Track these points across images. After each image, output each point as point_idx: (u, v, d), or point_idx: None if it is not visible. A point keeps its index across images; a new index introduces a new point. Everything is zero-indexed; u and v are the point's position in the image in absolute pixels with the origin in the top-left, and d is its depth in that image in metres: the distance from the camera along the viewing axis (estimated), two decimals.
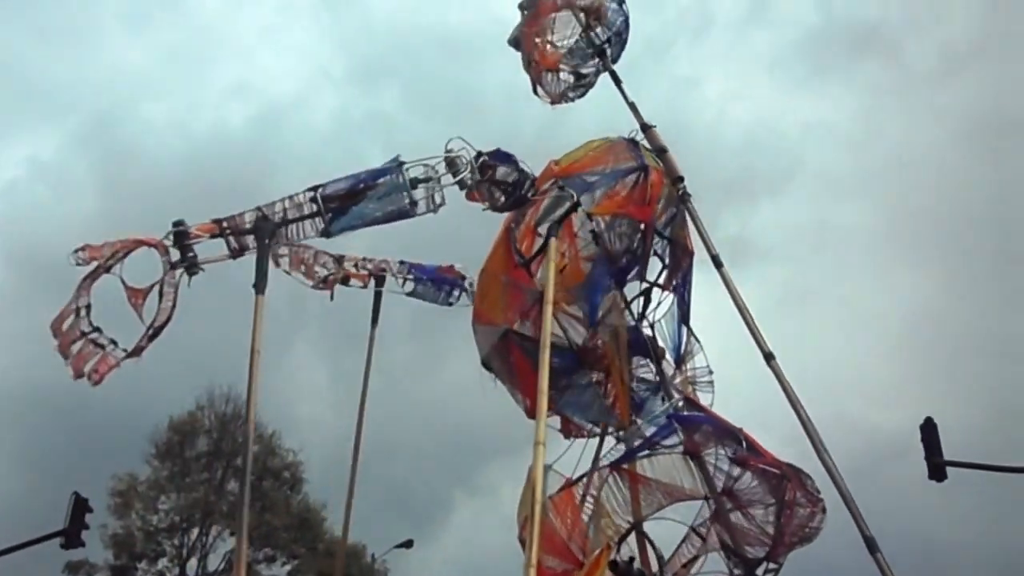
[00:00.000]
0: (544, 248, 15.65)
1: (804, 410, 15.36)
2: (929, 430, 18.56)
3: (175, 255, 14.77)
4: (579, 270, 16.42)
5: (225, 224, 15.20)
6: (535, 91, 19.98)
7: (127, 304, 14.62)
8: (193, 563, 34.43)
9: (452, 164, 15.94)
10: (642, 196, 16.45)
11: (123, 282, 14.50)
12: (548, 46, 19.79)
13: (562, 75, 19.78)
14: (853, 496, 14.58)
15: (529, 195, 16.19)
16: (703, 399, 16.49)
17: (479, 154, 16.00)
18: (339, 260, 19.55)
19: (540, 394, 13.07)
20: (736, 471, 14.90)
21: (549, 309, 14.35)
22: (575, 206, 15.84)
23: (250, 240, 15.23)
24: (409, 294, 20.55)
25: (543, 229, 16.20)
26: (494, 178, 16.02)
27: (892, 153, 60.74)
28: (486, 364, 16.57)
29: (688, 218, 17.24)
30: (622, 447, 15.83)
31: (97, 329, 14.49)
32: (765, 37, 70.04)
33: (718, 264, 16.81)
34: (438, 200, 15.87)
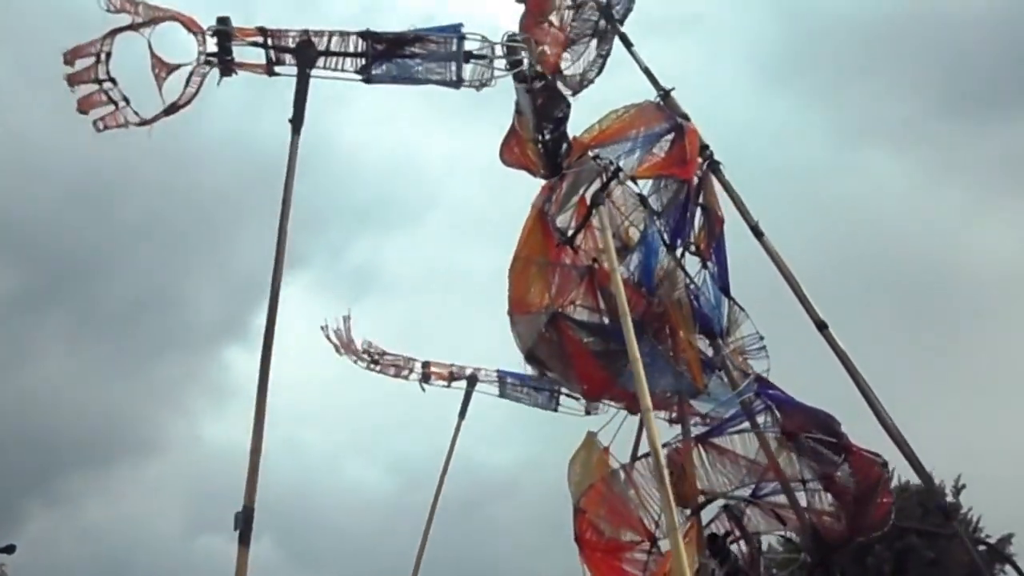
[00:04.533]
0: (588, 218, 14.91)
1: (863, 378, 14.67)
2: None
3: (211, 47, 14.22)
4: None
5: (269, 35, 14.55)
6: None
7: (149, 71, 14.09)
8: None
9: (513, 51, 14.99)
10: (681, 155, 15.49)
11: (150, 48, 13.97)
12: (550, 35, 18.23)
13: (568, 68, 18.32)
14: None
15: (564, 163, 15.13)
16: (758, 367, 15.80)
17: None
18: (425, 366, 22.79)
19: (634, 362, 12.31)
20: (838, 457, 14.33)
21: (618, 276, 13.60)
22: (616, 172, 14.94)
23: (288, 59, 14.64)
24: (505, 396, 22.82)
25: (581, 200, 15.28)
26: (544, 105, 15.08)
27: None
28: (531, 355, 15.45)
29: (718, 186, 16.27)
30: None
31: (112, 80, 13.89)
32: None
33: (758, 234, 15.87)
34: (486, 78, 14.83)
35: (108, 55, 13.81)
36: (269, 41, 14.43)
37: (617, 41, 18.06)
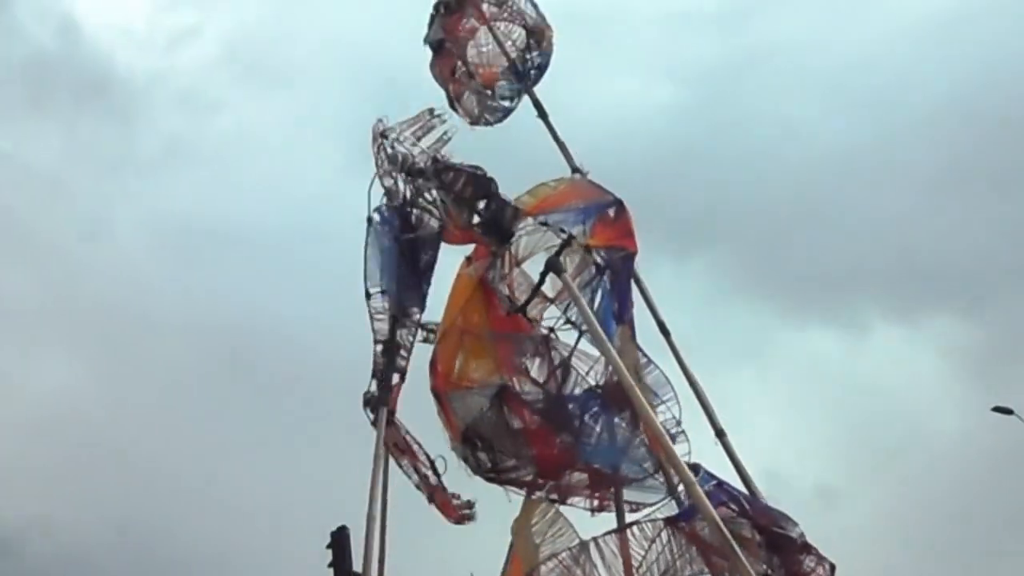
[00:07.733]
0: (540, 285, 14.13)
1: (758, 490, 14.36)
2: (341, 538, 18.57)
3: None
4: None
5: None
6: (452, 106, 18.06)
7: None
8: None
9: (394, 160, 15.50)
10: (625, 229, 15.03)
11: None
12: (480, 60, 18.12)
13: (492, 94, 18.10)
14: None
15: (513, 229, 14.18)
16: (680, 450, 14.35)
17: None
18: None
19: (660, 436, 12.41)
20: (805, 557, 13.41)
21: (608, 346, 13.06)
22: (570, 238, 14.12)
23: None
24: None
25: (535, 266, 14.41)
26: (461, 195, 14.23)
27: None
28: (470, 432, 14.10)
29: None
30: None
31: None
32: None
33: (665, 332, 15.52)
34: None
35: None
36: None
37: None
